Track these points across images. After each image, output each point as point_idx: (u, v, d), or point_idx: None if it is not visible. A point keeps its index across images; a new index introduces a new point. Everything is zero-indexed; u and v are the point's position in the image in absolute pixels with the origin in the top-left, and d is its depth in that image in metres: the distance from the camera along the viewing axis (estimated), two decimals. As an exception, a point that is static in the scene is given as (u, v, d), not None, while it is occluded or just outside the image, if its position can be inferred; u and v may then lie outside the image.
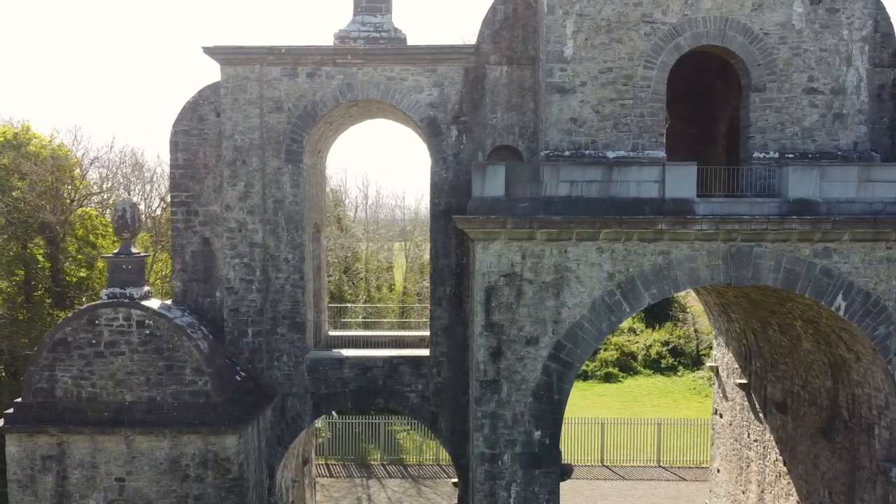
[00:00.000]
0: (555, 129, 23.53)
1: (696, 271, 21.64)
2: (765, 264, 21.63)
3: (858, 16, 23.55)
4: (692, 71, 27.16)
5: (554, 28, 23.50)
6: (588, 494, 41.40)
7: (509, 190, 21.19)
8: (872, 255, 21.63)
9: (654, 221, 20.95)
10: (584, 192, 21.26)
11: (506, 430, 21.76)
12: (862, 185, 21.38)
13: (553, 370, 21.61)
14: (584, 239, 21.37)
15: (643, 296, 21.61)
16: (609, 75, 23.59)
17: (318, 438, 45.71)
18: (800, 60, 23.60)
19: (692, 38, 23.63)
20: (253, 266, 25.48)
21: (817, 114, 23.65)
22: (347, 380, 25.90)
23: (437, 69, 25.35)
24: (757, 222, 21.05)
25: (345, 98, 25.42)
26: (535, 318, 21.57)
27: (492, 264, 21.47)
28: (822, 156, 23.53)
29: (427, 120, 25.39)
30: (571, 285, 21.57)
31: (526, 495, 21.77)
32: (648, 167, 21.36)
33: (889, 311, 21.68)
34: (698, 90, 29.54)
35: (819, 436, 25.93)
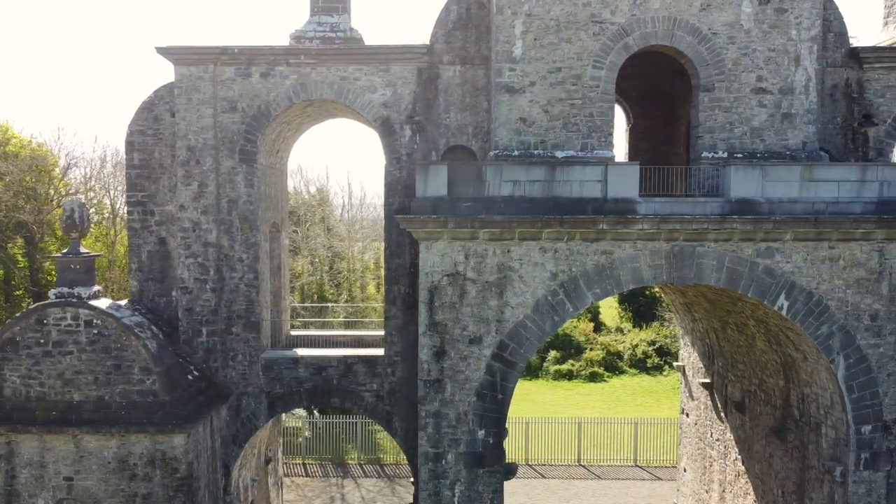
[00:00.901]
0: (504, 128, 23.58)
1: (638, 271, 21.68)
2: (707, 264, 21.66)
3: (807, 16, 23.58)
4: (656, 71, 27.22)
5: (503, 28, 23.55)
6: (562, 494, 41.42)
7: (452, 190, 21.24)
8: (815, 255, 21.66)
9: (595, 221, 21.00)
10: (527, 192, 21.31)
11: (449, 430, 21.82)
12: (805, 185, 21.42)
13: (496, 369, 21.66)
14: (526, 239, 21.42)
15: (586, 295, 21.66)
16: (558, 75, 23.63)
17: (297, 438, 45.87)
18: (748, 60, 23.63)
19: (641, 38, 23.67)
20: (207, 266, 25.55)
21: (766, 113, 23.68)
22: (302, 379, 25.95)
23: (391, 69, 25.38)
24: (698, 222, 21.09)
25: (298, 98, 25.46)
26: (479, 318, 21.63)
27: (435, 264, 21.52)
28: (770, 155, 23.56)
29: (380, 120, 25.44)
30: (514, 285, 21.62)
31: (470, 494, 21.83)
32: (591, 167, 21.41)
33: (832, 311, 21.72)
34: (662, 90, 29.58)
35: (773, 435, 25.98)
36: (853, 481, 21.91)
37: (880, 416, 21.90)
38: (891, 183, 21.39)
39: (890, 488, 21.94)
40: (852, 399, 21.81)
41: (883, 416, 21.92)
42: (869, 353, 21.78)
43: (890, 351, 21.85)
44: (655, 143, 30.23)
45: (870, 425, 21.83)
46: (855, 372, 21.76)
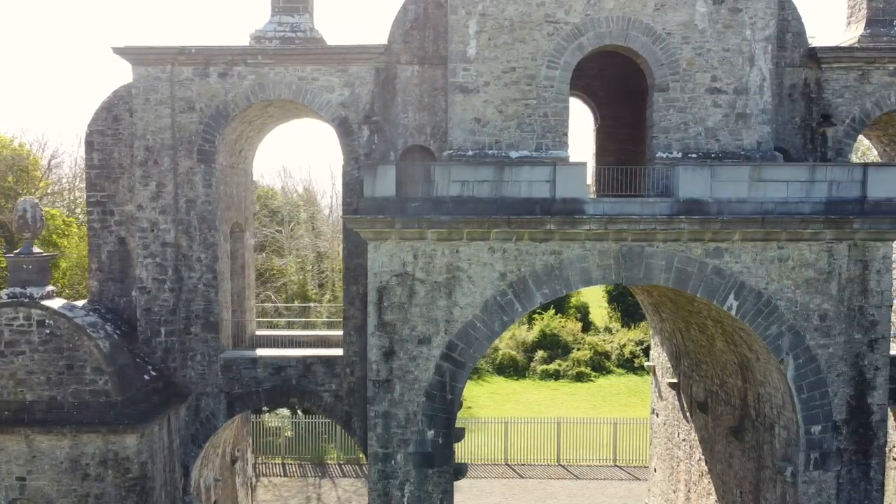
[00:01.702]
0: (458, 128, 23.59)
1: (587, 271, 21.68)
2: (656, 264, 21.65)
3: (761, 15, 23.57)
4: (623, 71, 27.19)
5: (457, 28, 23.56)
6: (538, 494, 41.42)
7: (401, 190, 21.25)
8: (764, 255, 21.65)
9: (542, 221, 21.00)
10: (476, 192, 21.31)
11: (399, 430, 21.83)
12: (753, 186, 21.40)
13: (446, 370, 21.66)
14: (475, 239, 21.42)
15: (535, 295, 21.65)
16: (512, 75, 23.63)
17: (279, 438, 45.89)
18: (703, 60, 23.62)
19: (595, 38, 23.67)
20: (165, 266, 25.56)
21: (721, 113, 23.66)
22: (261, 379, 25.96)
23: (349, 69, 25.38)
24: (646, 222, 21.08)
25: (257, 98, 25.47)
26: (428, 318, 21.63)
27: (384, 264, 21.53)
28: (725, 156, 23.55)
29: (338, 120, 25.43)
30: (463, 285, 21.63)
31: (419, 495, 21.83)
32: (540, 167, 21.41)
33: (781, 311, 21.70)
34: (629, 90, 29.52)
35: (731, 435, 25.96)
36: (803, 481, 21.90)
37: (830, 417, 21.87)
38: (840, 183, 21.35)
39: (840, 488, 21.93)
40: (802, 399, 21.79)
41: (833, 417, 21.89)
42: (818, 353, 21.76)
43: (839, 351, 21.82)
44: (623, 144, 30.22)
45: (819, 425, 21.81)
46: (804, 372, 21.75)
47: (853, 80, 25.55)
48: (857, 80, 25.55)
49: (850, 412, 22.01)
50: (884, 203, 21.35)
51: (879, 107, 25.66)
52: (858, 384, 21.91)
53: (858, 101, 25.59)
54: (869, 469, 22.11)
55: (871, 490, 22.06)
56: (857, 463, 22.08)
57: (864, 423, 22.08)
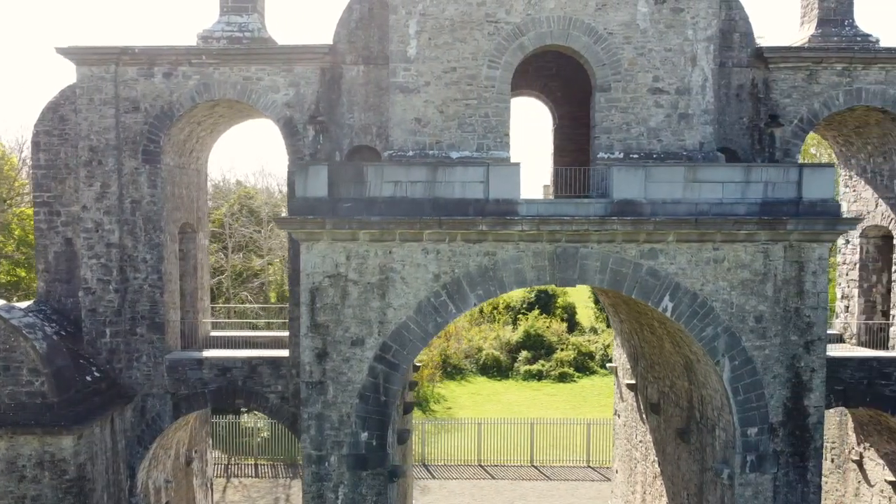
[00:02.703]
0: (399, 129, 23.48)
1: (522, 272, 21.55)
2: (591, 265, 21.53)
3: (703, 15, 23.43)
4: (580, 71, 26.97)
5: (397, 28, 23.45)
6: (508, 495, 41.29)
7: (333, 190, 21.14)
8: (699, 256, 21.51)
9: (474, 222, 20.88)
10: (409, 193, 21.19)
11: (332, 432, 21.71)
12: (688, 186, 21.26)
13: (379, 371, 21.55)
14: (408, 240, 21.31)
15: (469, 297, 21.53)
16: (453, 75, 23.51)
17: (255, 438, 45.82)
18: (645, 60, 23.49)
19: (536, 37, 23.55)
20: (110, 266, 25.48)
21: (663, 114, 23.53)
22: (207, 380, 25.89)
23: (294, 69, 25.29)
24: (578, 223, 20.95)
25: (202, 98, 25.39)
26: (361, 319, 21.52)
27: (316, 265, 21.43)
28: (667, 156, 23.42)
29: (283, 120, 25.35)
30: (397, 286, 21.51)
31: (354, 497, 21.72)
32: (473, 168, 21.29)
33: (716, 312, 21.56)
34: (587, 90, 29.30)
35: (678, 437, 25.82)
36: (739, 484, 21.76)
37: (766, 419, 21.72)
38: (776, 184, 21.21)
39: (777, 491, 21.79)
40: (738, 401, 21.65)
41: (769, 419, 21.74)
42: (754, 354, 21.61)
43: (775, 353, 21.68)
44: (581, 144, 29.93)
45: (756, 427, 21.66)
46: (740, 374, 21.60)
47: (801, 81, 25.41)
48: (805, 81, 25.41)
49: (787, 414, 21.86)
50: (819, 204, 21.21)
51: (827, 107, 25.53)
52: (795, 386, 21.77)
53: (806, 101, 25.46)
54: (806, 471, 21.97)
55: (809, 492, 21.92)
56: (794, 465, 21.93)
57: (800, 425, 21.93)
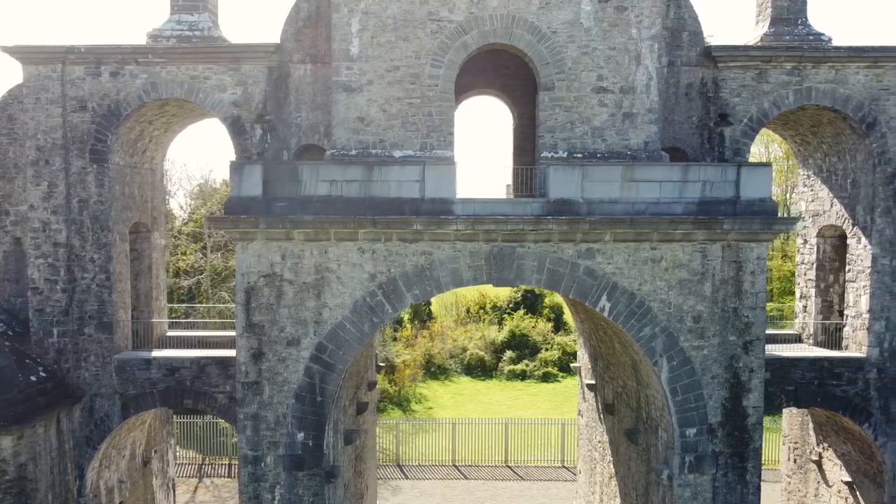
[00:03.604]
0: (342, 127, 23.39)
1: (458, 272, 21.46)
2: (528, 265, 21.42)
3: (647, 14, 23.31)
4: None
5: (340, 26, 23.36)
6: (479, 495, 41.18)
7: (268, 189, 21.05)
8: (637, 256, 21.39)
9: (408, 221, 20.78)
10: (344, 192, 21.11)
11: (268, 432, 21.63)
12: (626, 186, 21.14)
13: (315, 371, 21.46)
14: (343, 239, 21.21)
15: (405, 297, 21.44)
16: (396, 74, 23.41)
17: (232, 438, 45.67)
18: (589, 59, 23.37)
19: (479, 36, 23.44)
20: (57, 266, 25.41)
21: (607, 113, 23.40)
22: (155, 380, 25.80)
23: (241, 68, 25.20)
24: (513, 223, 20.84)
25: (149, 97, 25.32)
26: (297, 319, 21.43)
27: (251, 264, 21.34)
28: (611, 155, 23.30)
29: (231, 119, 25.26)
30: (332, 286, 21.42)
31: (290, 497, 21.63)
32: (409, 167, 21.19)
33: (654, 312, 21.44)
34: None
35: (627, 437, 25.71)
36: (678, 484, 21.64)
37: (705, 419, 21.60)
38: (713, 183, 21.09)
39: (716, 492, 21.66)
40: (676, 402, 21.53)
41: (708, 419, 21.62)
42: (692, 355, 21.50)
43: (714, 353, 21.56)
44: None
45: (694, 428, 21.54)
46: (678, 374, 21.49)
47: (750, 80, 25.27)
48: (755, 80, 25.27)
49: (726, 415, 21.74)
50: (756, 204, 21.08)
51: (777, 106, 25.38)
52: (733, 386, 21.64)
53: (756, 100, 25.31)
54: (745, 472, 21.84)
55: (748, 493, 21.79)
56: (732, 466, 21.81)
57: (739, 425, 21.81)
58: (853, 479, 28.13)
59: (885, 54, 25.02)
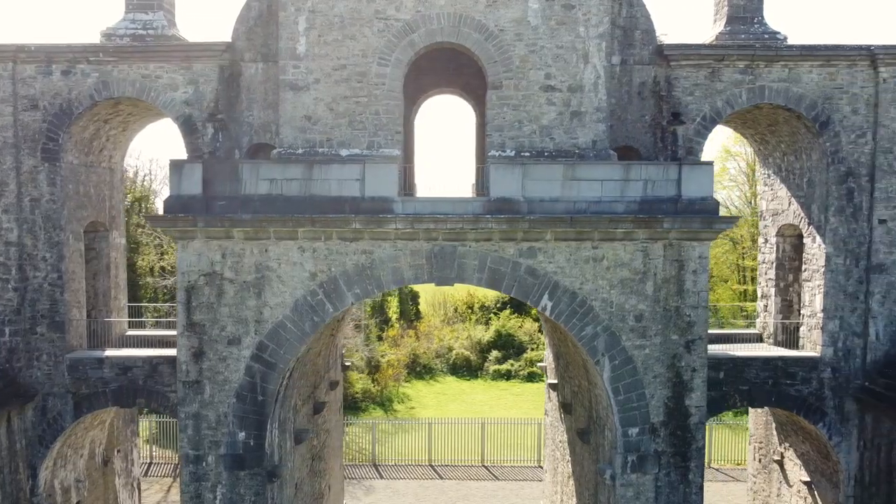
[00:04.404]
0: (289, 126, 23.35)
1: (399, 271, 21.40)
2: (469, 264, 21.36)
3: (595, 12, 23.23)
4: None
5: (286, 25, 23.32)
6: (452, 495, 41.15)
7: (208, 188, 21.01)
8: (578, 255, 21.32)
9: (347, 220, 20.73)
10: (285, 191, 21.06)
11: (210, 432, 21.59)
12: (567, 184, 21.06)
13: (256, 371, 21.41)
14: (283, 238, 21.16)
15: (346, 296, 21.38)
16: (343, 72, 23.36)
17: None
18: (536, 57, 23.29)
19: (426, 34, 23.38)
20: (9, 265, 25.39)
21: (555, 111, 23.33)
22: (108, 379, 25.76)
23: (192, 67, 25.16)
24: (453, 221, 20.79)
25: (101, 96, 25.29)
26: (237, 318, 21.39)
27: (191, 263, 21.30)
28: (560, 154, 23.22)
29: (182, 118, 25.22)
30: (273, 285, 21.37)
31: (232, 497, 21.59)
32: (349, 166, 21.15)
33: (596, 312, 21.37)
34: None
35: (579, 437, 25.65)
36: (621, 484, 21.57)
37: (647, 419, 21.53)
38: (655, 182, 21.00)
39: (658, 492, 21.59)
40: (618, 401, 21.46)
41: (650, 419, 21.54)
42: (634, 354, 21.42)
43: (656, 352, 21.48)
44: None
45: (637, 427, 21.46)
46: (621, 373, 21.42)
47: (703, 78, 25.19)
48: (708, 78, 25.19)
49: (668, 414, 21.66)
50: (697, 202, 21.00)
51: (730, 105, 25.30)
52: (676, 386, 21.57)
53: (709, 99, 25.23)
54: (688, 472, 21.77)
55: (690, 493, 21.72)
56: (675, 466, 21.73)
57: (682, 425, 21.73)
58: (811, 478, 28.06)
59: (837, 53, 24.91)
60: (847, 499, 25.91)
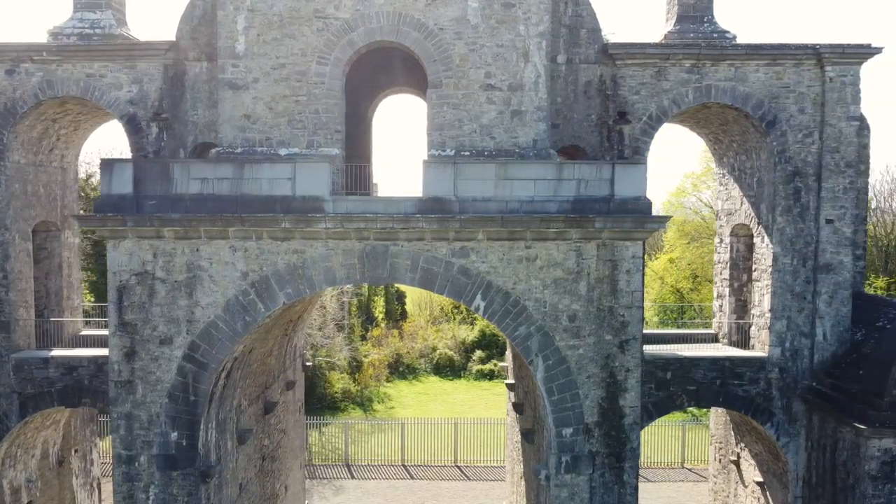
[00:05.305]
0: (228, 125, 23.29)
1: (331, 270, 21.31)
2: (402, 263, 21.26)
3: (535, 10, 23.13)
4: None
5: (226, 24, 23.26)
6: (421, 496, 41.10)
7: (140, 187, 20.94)
8: (511, 255, 21.22)
9: (277, 220, 20.64)
10: (216, 190, 20.98)
11: (142, 432, 21.51)
12: (500, 184, 20.95)
13: (188, 371, 21.34)
14: (214, 237, 21.08)
15: (278, 295, 21.30)
16: (282, 71, 23.29)
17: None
18: (476, 56, 23.20)
19: (366, 33, 23.31)
20: (-47, 265, 25.35)
21: (495, 111, 23.23)
22: (53, 379, 25.69)
23: (137, 66, 25.10)
24: (383, 221, 20.69)
25: (45, 95, 25.24)
26: (169, 318, 21.31)
27: (123, 263, 21.23)
28: (500, 153, 23.13)
29: (127, 117, 25.16)
30: (204, 284, 21.30)
31: (164, 497, 21.52)
32: (280, 165, 21.07)
33: (529, 312, 21.26)
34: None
35: (524, 438, 25.54)
36: (555, 485, 21.47)
37: (581, 419, 21.41)
38: (588, 181, 20.88)
39: (593, 492, 21.47)
40: (553, 401, 21.35)
41: (584, 419, 21.43)
42: (568, 354, 21.31)
43: (589, 352, 21.36)
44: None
45: (571, 428, 21.35)
46: (554, 374, 21.31)
47: (649, 77, 25.07)
48: (654, 77, 25.07)
49: (603, 415, 21.54)
50: (630, 202, 20.88)
51: (677, 104, 25.18)
52: (610, 386, 21.45)
53: (655, 98, 25.11)
54: (622, 472, 21.64)
55: (625, 494, 21.60)
56: (610, 466, 21.61)
57: (616, 425, 21.61)
58: (764, 479, 27.95)
59: (783, 52, 24.78)
60: (795, 499, 25.79)
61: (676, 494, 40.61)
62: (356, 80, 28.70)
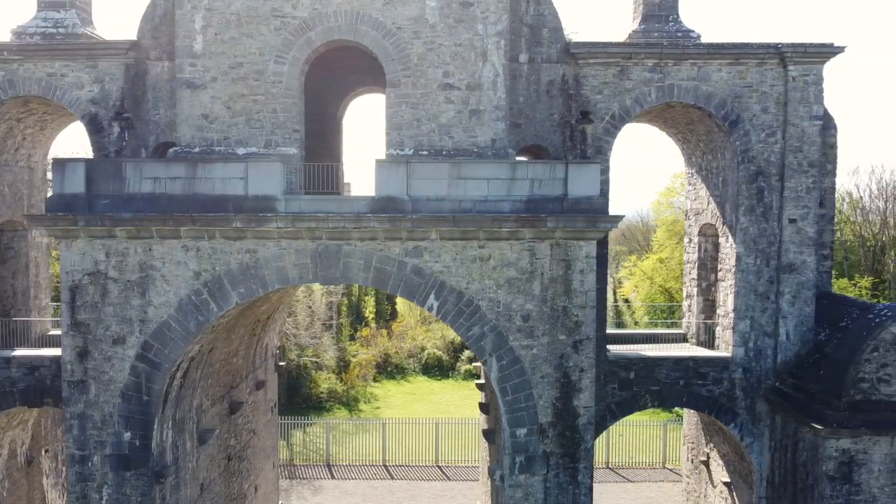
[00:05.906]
0: (186, 124, 23.23)
1: (283, 270, 21.25)
2: (354, 263, 21.20)
3: (493, 10, 23.05)
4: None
5: (183, 23, 23.20)
6: (400, 495, 41.06)
7: (92, 187, 20.89)
8: (464, 255, 21.15)
9: (228, 219, 20.58)
10: (168, 189, 20.92)
11: (95, 432, 21.46)
12: (453, 183, 20.88)
13: (141, 370, 21.29)
14: (166, 237, 21.03)
15: (231, 295, 21.24)
16: (240, 70, 23.23)
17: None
18: (434, 55, 23.12)
19: (323, 32, 23.24)
20: (-85, 264, 25.32)
21: (454, 110, 23.15)
22: (16, 379, 25.64)
23: (98, 65, 25.05)
24: (335, 220, 20.62)
25: (7, 94, 25.20)
26: (122, 318, 21.26)
27: (75, 262, 21.17)
28: (458, 153, 23.06)
29: (88, 116, 25.10)
30: (157, 284, 21.24)
31: (118, 497, 21.47)
32: (233, 164, 21.03)
33: (483, 311, 21.18)
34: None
35: (485, 437, 25.48)
36: (510, 485, 21.40)
37: (536, 419, 21.34)
38: (542, 181, 20.81)
39: (548, 493, 21.40)
40: (506, 401, 21.27)
41: (539, 419, 21.36)
42: (522, 354, 21.23)
43: (543, 352, 21.29)
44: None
45: (525, 428, 21.28)
46: (508, 374, 21.23)
47: (612, 77, 24.99)
48: (617, 77, 24.99)
49: (557, 415, 21.47)
50: (583, 201, 20.80)
51: (640, 104, 25.10)
52: (564, 386, 21.37)
53: (618, 97, 25.03)
54: (577, 473, 21.57)
55: (580, 494, 21.52)
56: (564, 466, 21.53)
57: (570, 425, 21.53)
58: (731, 479, 27.87)
59: (746, 52, 24.70)
60: (759, 500, 25.71)
61: (656, 495, 40.47)
62: (326, 80, 28.70)
